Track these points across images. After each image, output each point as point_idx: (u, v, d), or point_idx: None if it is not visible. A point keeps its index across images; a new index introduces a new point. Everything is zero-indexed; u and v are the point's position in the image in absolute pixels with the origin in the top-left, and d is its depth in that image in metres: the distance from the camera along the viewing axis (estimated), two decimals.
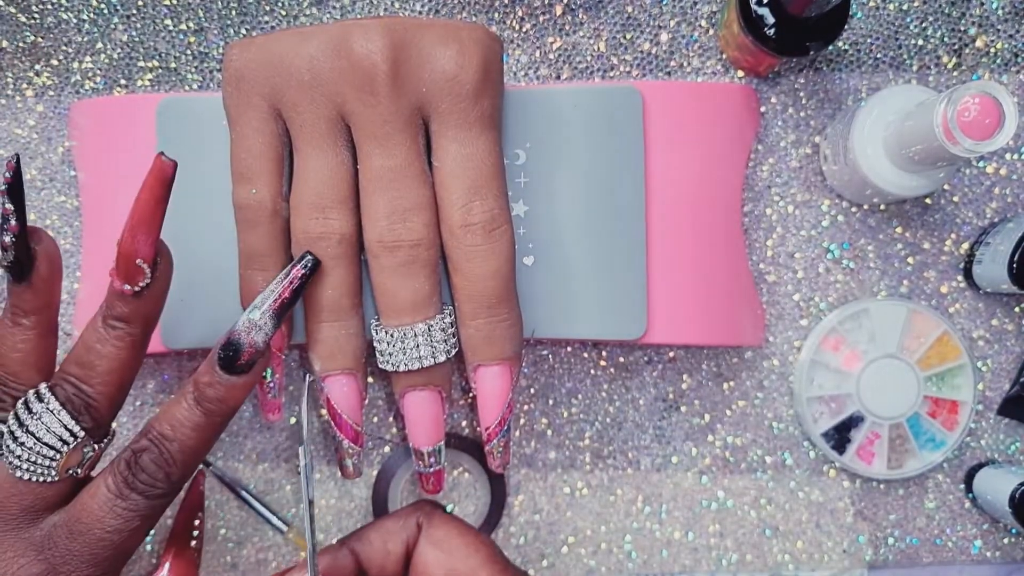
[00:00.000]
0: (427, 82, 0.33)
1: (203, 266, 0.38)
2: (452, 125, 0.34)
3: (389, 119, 0.33)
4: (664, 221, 0.39)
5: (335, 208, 0.34)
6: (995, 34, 0.43)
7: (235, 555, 0.42)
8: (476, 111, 0.34)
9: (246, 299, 0.36)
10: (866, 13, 0.43)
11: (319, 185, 0.34)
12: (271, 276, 0.35)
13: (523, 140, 0.38)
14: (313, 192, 0.34)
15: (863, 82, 0.43)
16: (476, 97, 0.33)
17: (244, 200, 0.35)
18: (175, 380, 0.42)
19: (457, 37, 0.34)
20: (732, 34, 0.40)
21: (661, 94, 0.39)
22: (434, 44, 0.33)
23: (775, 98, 0.43)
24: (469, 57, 0.33)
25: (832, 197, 0.43)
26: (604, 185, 0.38)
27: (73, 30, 0.42)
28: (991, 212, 0.43)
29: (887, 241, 0.43)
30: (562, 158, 0.38)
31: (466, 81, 0.33)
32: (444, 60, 0.33)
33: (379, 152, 0.34)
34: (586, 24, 0.42)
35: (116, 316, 0.30)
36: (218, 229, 0.37)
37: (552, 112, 0.38)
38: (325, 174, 0.34)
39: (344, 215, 0.34)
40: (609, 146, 0.38)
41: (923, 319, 0.42)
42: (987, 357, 0.43)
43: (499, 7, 0.42)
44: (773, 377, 0.43)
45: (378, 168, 0.34)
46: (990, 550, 0.43)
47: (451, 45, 0.33)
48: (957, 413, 0.42)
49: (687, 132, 0.39)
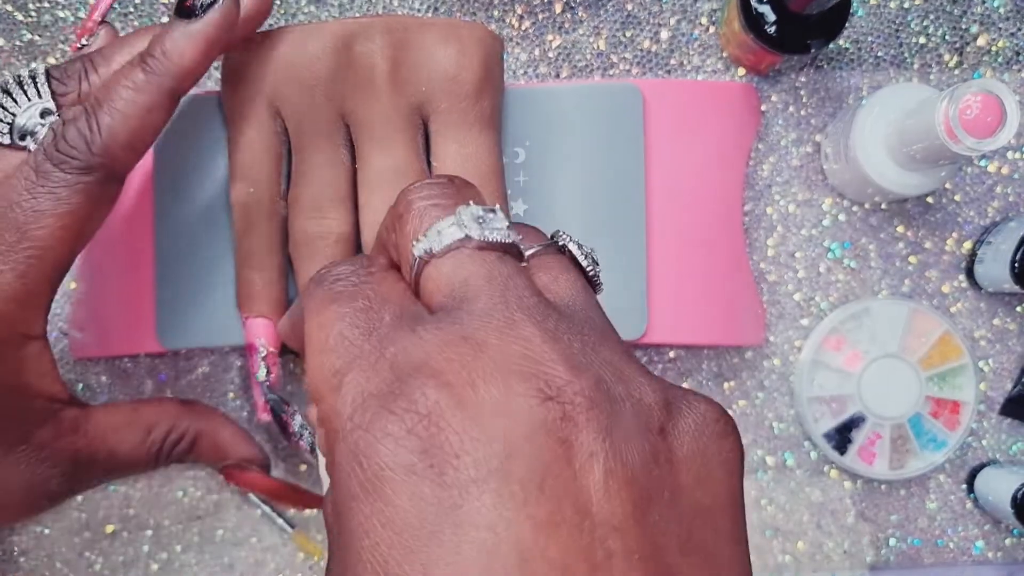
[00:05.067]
0: (427, 82, 0.33)
1: (201, 265, 0.37)
2: (452, 125, 0.34)
3: (389, 118, 0.33)
4: (664, 220, 0.39)
5: (333, 208, 0.34)
6: (997, 32, 0.43)
7: (233, 555, 0.42)
8: (476, 111, 0.33)
9: (243, 299, 0.36)
10: (867, 11, 0.42)
11: (318, 185, 0.34)
12: (268, 276, 0.35)
13: (523, 139, 0.38)
14: (311, 192, 0.34)
15: (864, 80, 0.43)
16: (476, 97, 0.33)
17: (242, 199, 0.35)
18: (173, 380, 0.42)
19: (457, 36, 0.33)
20: (733, 32, 0.40)
21: (661, 92, 0.39)
22: (434, 43, 0.33)
23: (776, 96, 0.43)
24: (469, 57, 0.33)
25: (833, 196, 0.43)
26: (604, 184, 0.38)
27: (70, 28, 0.42)
28: (993, 211, 0.43)
29: (888, 240, 0.43)
30: (562, 157, 0.38)
31: (466, 81, 0.33)
32: (444, 60, 0.33)
33: (378, 152, 0.33)
34: (586, 22, 0.42)
35: (151, 53, 0.28)
36: (216, 227, 0.37)
37: (552, 110, 0.38)
38: (324, 173, 0.34)
39: (342, 215, 0.34)
40: (609, 145, 0.38)
41: (925, 319, 0.42)
42: (989, 357, 0.43)
43: (498, 4, 0.42)
44: (774, 377, 0.43)
45: (377, 168, 0.34)
46: (992, 551, 0.43)
47: (451, 44, 0.33)
48: (958, 413, 0.42)
49: (687, 130, 0.39)
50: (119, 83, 0.28)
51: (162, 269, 0.38)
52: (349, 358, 0.20)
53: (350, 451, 0.18)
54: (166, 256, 0.38)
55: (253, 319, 0.36)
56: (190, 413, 0.37)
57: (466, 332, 0.19)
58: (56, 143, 0.28)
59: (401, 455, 0.18)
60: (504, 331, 0.19)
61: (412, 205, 0.23)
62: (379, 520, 0.18)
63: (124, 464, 0.34)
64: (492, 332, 0.19)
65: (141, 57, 0.29)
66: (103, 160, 0.28)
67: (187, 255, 0.37)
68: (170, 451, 0.35)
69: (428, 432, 0.18)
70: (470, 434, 0.18)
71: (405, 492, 0.17)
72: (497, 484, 0.17)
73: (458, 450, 0.18)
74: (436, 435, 0.18)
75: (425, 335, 0.20)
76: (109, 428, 0.33)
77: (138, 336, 0.38)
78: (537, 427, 0.18)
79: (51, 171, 0.28)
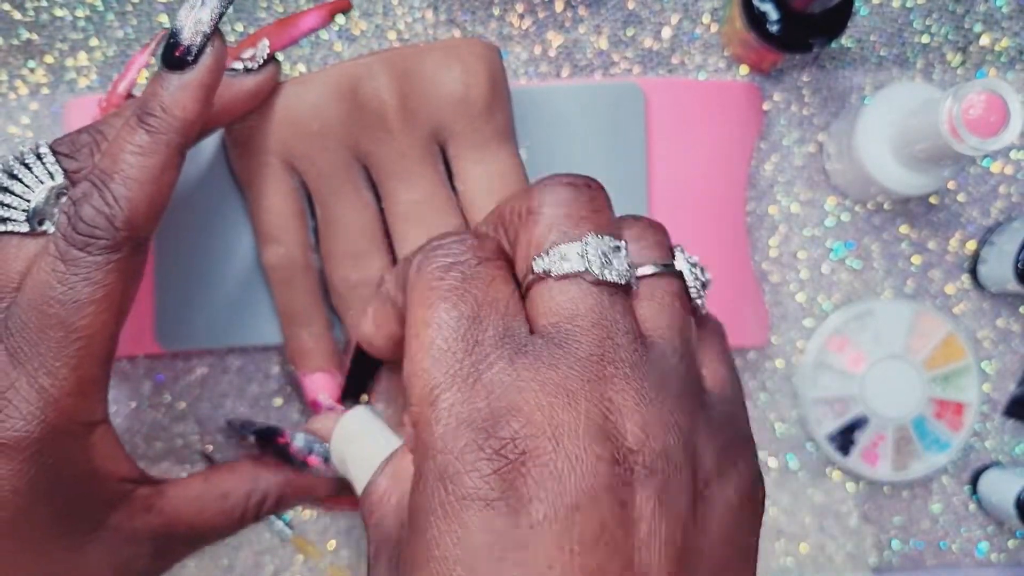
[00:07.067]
0: (437, 108, 0.33)
1: (200, 266, 0.37)
2: (469, 146, 0.33)
3: (406, 153, 0.33)
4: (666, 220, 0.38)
5: (369, 253, 0.34)
6: (1000, 31, 0.42)
7: (232, 557, 0.42)
8: (491, 127, 0.33)
9: (296, 357, 0.36)
10: (870, 10, 0.42)
11: (349, 233, 0.34)
12: (316, 330, 0.35)
13: (524, 138, 0.38)
14: (344, 241, 0.34)
15: (867, 79, 0.42)
16: (489, 113, 0.33)
17: (275, 261, 0.34)
18: (171, 382, 0.42)
19: (459, 57, 0.33)
20: (735, 30, 0.39)
21: (663, 91, 0.39)
22: (437, 69, 0.33)
23: (778, 95, 0.42)
24: (474, 75, 0.33)
25: (836, 195, 0.43)
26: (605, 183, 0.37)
27: (68, 27, 0.42)
28: (997, 211, 0.43)
29: (891, 240, 0.43)
30: (563, 156, 0.38)
31: (476, 99, 0.33)
32: (451, 83, 0.33)
33: (402, 188, 0.33)
34: (587, 20, 0.42)
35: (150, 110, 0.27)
36: (215, 229, 0.37)
37: (553, 110, 0.38)
38: (352, 220, 0.34)
39: (379, 258, 0.34)
40: (611, 144, 0.38)
41: (928, 319, 0.42)
42: (992, 358, 0.43)
43: (499, 3, 0.42)
44: (776, 378, 0.43)
45: (404, 204, 0.33)
46: (995, 552, 0.43)
47: (454, 66, 0.33)
48: (962, 415, 0.42)
49: (689, 129, 0.39)
50: (124, 150, 0.27)
51: (160, 270, 0.37)
52: (448, 374, 0.22)
53: (438, 472, 0.21)
54: (164, 257, 0.37)
55: (311, 375, 0.36)
56: (265, 469, 0.34)
57: (561, 381, 0.21)
58: (75, 226, 0.26)
59: (483, 490, 0.20)
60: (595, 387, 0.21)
61: (542, 210, 0.24)
62: (452, 539, 0.20)
63: (207, 533, 0.32)
64: (585, 386, 0.21)
65: (139, 118, 0.27)
66: (128, 233, 0.27)
67: (185, 256, 0.37)
68: (256, 512, 0.34)
69: (511, 476, 0.20)
70: (546, 485, 0.20)
71: (480, 521, 0.20)
72: (560, 531, 0.20)
73: (533, 496, 0.20)
74: (516, 480, 0.20)
75: (524, 373, 0.21)
76: (183, 502, 0.32)
77: (136, 337, 0.38)
78: (603, 488, 0.20)
79: (79, 257, 0.26)
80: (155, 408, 0.41)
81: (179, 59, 0.27)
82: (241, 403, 0.41)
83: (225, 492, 0.33)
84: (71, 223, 0.26)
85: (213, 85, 0.28)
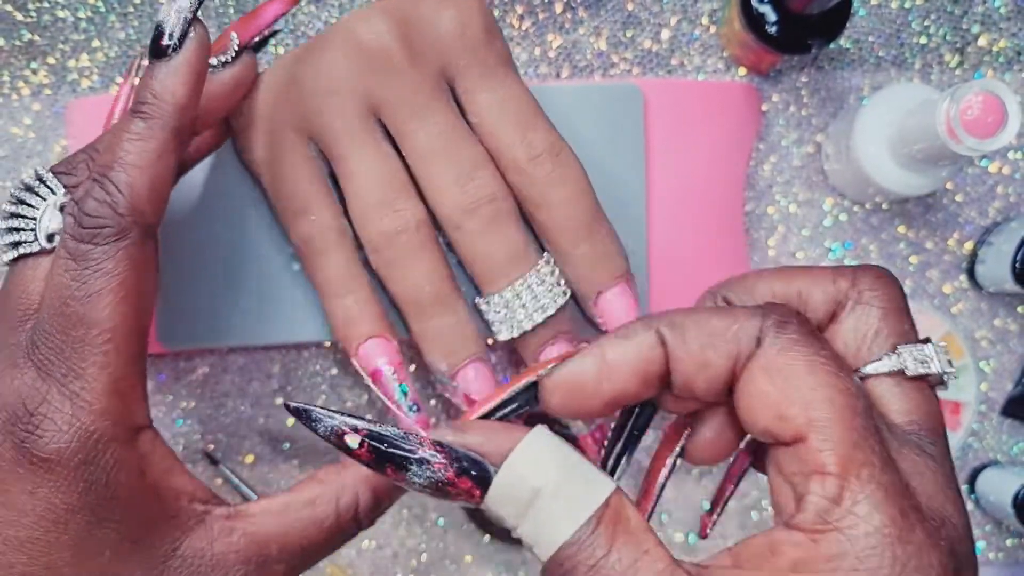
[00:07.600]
0: (439, 47, 0.33)
1: (202, 265, 0.37)
2: (476, 77, 0.33)
3: (418, 90, 0.33)
4: (665, 220, 0.39)
5: (401, 198, 0.33)
6: (998, 32, 0.42)
7: None
8: (493, 56, 0.33)
9: (344, 327, 0.34)
10: (868, 11, 0.42)
11: (376, 182, 0.33)
12: (361, 295, 0.34)
13: None
14: (373, 192, 0.33)
15: (865, 80, 0.42)
16: (488, 42, 0.33)
17: (308, 230, 0.34)
18: (172, 381, 0.42)
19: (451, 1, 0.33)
20: (733, 31, 0.40)
21: (662, 92, 0.39)
22: (432, 11, 0.33)
23: (777, 96, 0.43)
24: (467, 11, 0.33)
25: (834, 196, 0.43)
26: (605, 184, 0.38)
27: (70, 28, 0.42)
28: (994, 211, 0.43)
29: (889, 240, 0.43)
30: None
31: (474, 31, 0.33)
32: (448, 21, 0.33)
33: (420, 125, 0.33)
34: (586, 22, 0.42)
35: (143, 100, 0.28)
36: (215, 227, 0.37)
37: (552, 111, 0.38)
38: (378, 170, 0.33)
39: (412, 201, 0.33)
40: (610, 145, 0.38)
41: (926, 319, 0.42)
42: (990, 357, 0.43)
43: (499, 4, 0.42)
44: None
45: (424, 140, 0.33)
46: (993, 551, 0.43)
47: (447, 6, 0.33)
48: (960, 414, 0.42)
49: (688, 130, 0.39)
50: (121, 140, 0.27)
51: (162, 270, 0.37)
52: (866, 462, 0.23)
53: None
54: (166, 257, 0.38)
55: (363, 344, 0.34)
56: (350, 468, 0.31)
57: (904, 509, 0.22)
58: (80, 221, 0.26)
59: None
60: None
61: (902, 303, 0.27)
62: None
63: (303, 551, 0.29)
64: None
65: (134, 109, 0.28)
66: (133, 218, 0.27)
67: (187, 256, 0.37)
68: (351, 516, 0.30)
69: None
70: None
71: None
72: None
73: None
74: None
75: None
76: (268, 518, 0.29)
77: None
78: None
79: (88, 250, 0.26)
80: (156, 407, 0.41)
81: (164, 47, 0.28)
82: (242, 402, 0.42)
83: (311, 499, 0.30)
84: (77, 220, 0.26)
85: (200, 68, 0.28)
